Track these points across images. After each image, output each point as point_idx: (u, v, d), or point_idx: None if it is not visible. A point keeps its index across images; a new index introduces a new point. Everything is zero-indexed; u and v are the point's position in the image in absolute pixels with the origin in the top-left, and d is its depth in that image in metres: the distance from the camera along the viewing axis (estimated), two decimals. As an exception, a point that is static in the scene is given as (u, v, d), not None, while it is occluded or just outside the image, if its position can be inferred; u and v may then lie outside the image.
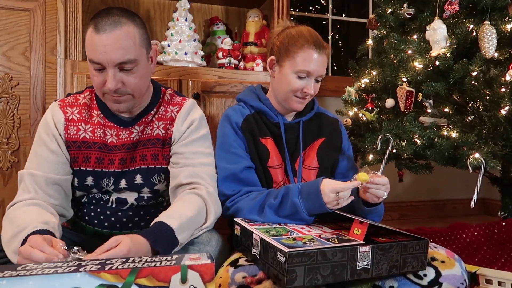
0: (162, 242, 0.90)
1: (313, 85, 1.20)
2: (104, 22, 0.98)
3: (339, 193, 1.00)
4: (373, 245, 0.88)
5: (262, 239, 0.90)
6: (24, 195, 1.02)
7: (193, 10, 2.07)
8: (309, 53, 1.17)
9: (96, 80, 1.03)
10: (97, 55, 0.99)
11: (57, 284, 0.61)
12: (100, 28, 0.98)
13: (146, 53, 1.07)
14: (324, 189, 1.01)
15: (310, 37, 1.19)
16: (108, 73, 1.00)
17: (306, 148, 1.27)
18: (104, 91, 1.03)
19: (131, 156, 1.13)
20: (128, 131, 1.13)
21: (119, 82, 1.02)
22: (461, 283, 0.94)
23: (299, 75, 1.18)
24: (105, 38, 0.98)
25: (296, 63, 1.17)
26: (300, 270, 0.81)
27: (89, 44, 1.00)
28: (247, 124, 1.23)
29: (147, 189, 1.15)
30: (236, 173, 1.16)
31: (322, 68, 1.19)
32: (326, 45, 1.21)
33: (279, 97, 1.24)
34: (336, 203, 1.00)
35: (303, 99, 1.21)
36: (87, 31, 1.01)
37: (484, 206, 2.83)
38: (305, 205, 1.03)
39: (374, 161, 1.72)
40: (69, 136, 1.10)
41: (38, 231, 0.87)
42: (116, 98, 1.04)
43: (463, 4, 1.51)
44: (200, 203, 1.04)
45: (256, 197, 1.11)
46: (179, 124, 1.14)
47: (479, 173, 1.29)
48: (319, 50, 1.17)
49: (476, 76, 1.41)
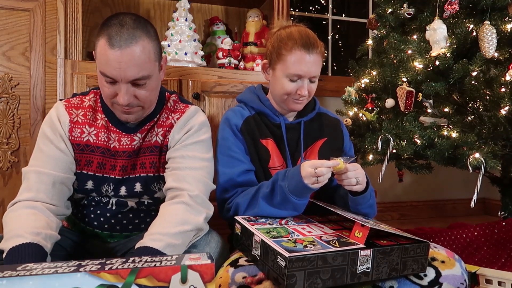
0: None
1: (307, 86, 1.18)
2: (119, 36, 0.94)
3: (317, 169, 0.98)
4: (374, 249, 0.87)
5: (262, 241, 0.90)
6: (24, 194, 1.01)
7: (193, 10, 2.07)
8: (299, 56, 1.14)
9: (107, 91, 1.00)
10: (110, 71, 0.96)
11: (57, 284, 0.61)
12: (114, 43, 0.94)
13: (158, 65, 1.05)
14: (304, 164, 1.01)
15: (300, 38, 1.16)
16: (120, 88, 0.98)
17: (308, 149, 1.26)
18: (114, 102, 1.02)
19: (132, 164, 1.12)
20: (130, 137, 1.11)
21: (132, 97, 1.00)
22: (461, 283, 0.94)
23: (291, 78, 1.17)
24: (119, 55, 0.94)
25: (287, 66, 1.16)
26: (300, 275, 0.80)
27: (102, 57, 0.96)
28: (246, 126, 1.22)
29: (147, 197, 1.14)
30: (234, 177, 1.16)
31: (314, 68, 1.17)
32: (318, 44, 1.18)
33: (276, 99, 1.24)
34: (315, 180, 0.99)
35: (300, 100, 1.20)
36: (98, 41, 0.97)
37: (484, 206, 2.83)
38: (289, 185, 1.02)
39: (374, 161, 1.71)
40: (73, 138, 1.09)
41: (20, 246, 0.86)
42: (126, 110, 1.02)
43: (463, 4, 1.51)
44: (183, 212, 0.99)
45: (251, 191, 1.11)
46: (176, 131, 1.11)
47: (479, 173, 1.29)
48: (309, 50, 1.15)
49: (476, 76, 1.41)
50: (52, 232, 0.96)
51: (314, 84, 1.21)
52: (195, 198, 1.03)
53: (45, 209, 1.00)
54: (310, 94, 1.21)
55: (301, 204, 1.05)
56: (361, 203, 1.11)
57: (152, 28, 1.04)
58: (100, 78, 1.00)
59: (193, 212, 1.01)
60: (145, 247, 0.90)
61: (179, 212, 0.99)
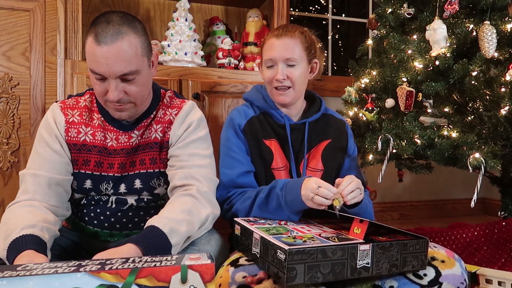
0: (154, 247, 0.88)
1: (285, 70, 1.19)
2: (105, 33, 0.96)
3: (320, 188, 0.98)
4: (373, 244, 0.88)
5: (262, 238, 0.90)
6: (22, 197, 1.02)
7: (193, 10, 2.07)
8: (270, 42, 1.21)
9: (98, 88, 1.02)
10: (98, 67, 0.98)
11: (57, 284, 0.61)
12: (100, 39, 0.96)
13: (147, 61, 1.06)
14: (309, 179, 1.02)
15: (274, 30, 1.24)
16: (110, 84, 1.00)
17: (311, 150, 1.26)
18: (106, 99, 1.03)
19: (131, 161, 1.13)
20: (127, 135, 1.12)
21: (121, 92, 1.01)
22: (461, 282, 0.94)
23: (267, 66, 1.22)
24: (106, 50, 0.96)
25: (263, 56, 1.24)
26: (300, 268, 0.81)
27: (90, 55, 0.99)
28: (250, 126, 1.23)
29: (147, 193, 1.15)
30: (233, 178, 1.18)
31: (286, 51, 1.19)
32: (294, 30, 1.21)
33: (268, 94, 1.27)
34: (312, 195, 0.98)
35: (283, 90, 1.21)
36: (87, 39, 1.00)
37: (484, 206, 2.83)
38: (285, 196, 1.04)
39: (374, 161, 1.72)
40: (69, 139, 1.09)
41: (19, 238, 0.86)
42: (118, 107, 1.04)
43: (463, 4, 1.51)
44: (190, 202, 1.02)
45: (249, 197, 1.12)
46: (176, 127, 1.13)
47: (479, 173, 1.29)
48: (279, 35, 1.20)
49: (476, 76, 1.41)
50: (49, 225, 0.95)
51: (294, 69, 1.20)
52: (204, 194, 1.06)
53: (43, 207, 1.01)
54: (292, 81, 1.20)
55: (294, 217, 1.07)
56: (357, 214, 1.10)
57: (140, 24, 1.05)
58: (91, 77, 1.02)
59: (200, 205, 1.03)
60: (152, 227, 0.91)
61: (188, 202, 1.02)
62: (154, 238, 0.89)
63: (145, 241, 0.87)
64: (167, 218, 0.94)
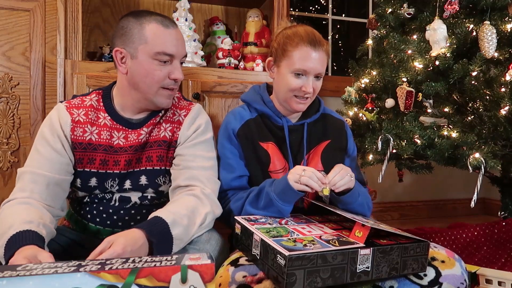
0: (157, 232, 0.90)
1: (312, 83, 1.18)
2: (166, 20, 1.09)
3: (305, 171, 1.02)
4: (374, 248, 0.87)
5: (262, 240, 0.90)
6: (18, 194, 1.01)
7: (193, 10, 2.07)
8: (304, 51, 1.15)
9: (159, 74, 1.08)
10: (171, 47, 1.08)
11: (57, 284, 0.61)
12: (168, 23, 1.08)
13: None
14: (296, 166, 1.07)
15: (306, 35, 1.17)
16: (175, 64, 1.10)
17: (311, 151, 1.26)
18: (165, 84, 1.10)
19: (138, 157, 1.14)
20: (137, 132, 1.14)
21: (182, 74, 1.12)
22: (461, 283, 0.94)
23: (296, 74, 1.17)
24: (174, 33, 1.09)
25: (293, 62, 1.16)
26: (300, 273, 0.80)
27: (159, 38, 1.06)
28: (245, 130, 1.23)
29: (151, 190, 1.16)
30: (229, 182, 1.20)
31: (320, 65, 1.17)
32: (324, 42, 1.19)
33: (280, 98, 1.24)
34: (298, 177, 1.03)
35: (304, 99, 1.20)
36: (146, 26, 1.07)
37: (484, 206, 2.83)
38: (275, 189, 1.06)
39: (374, 161, 1.72)
40: (75, 138, 1.10)
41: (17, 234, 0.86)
42: (172, 92, 1.13)
43: (463, 4, 1.51)
44: (194, 202, 1.04)
45: (241, 197, 1.15)
46: (186, 128, 1.16)
47: (479, 173, 1.29)
48: (315, 47, 1.16)
49: (476, 76, 1.41)
50: (46, 223, 0.95)
51: (319, 82, 1.21)
52: (207, 195, 1.08)
53: (39, 205, 1.00)
54: (315, 93, 1.21)
55: (285, 210, 1.08)
56: (350, 202, 1.11)
57: None
58: (150, 64, 1.07)
59: (202, 205, 1.05)
60: (155, 217, 0.94)
61: (191, 201, 1.04)
62: (157, 225, 0.92)
63: (148, 227, 0.90)
64: (170, 211, 0.97)
